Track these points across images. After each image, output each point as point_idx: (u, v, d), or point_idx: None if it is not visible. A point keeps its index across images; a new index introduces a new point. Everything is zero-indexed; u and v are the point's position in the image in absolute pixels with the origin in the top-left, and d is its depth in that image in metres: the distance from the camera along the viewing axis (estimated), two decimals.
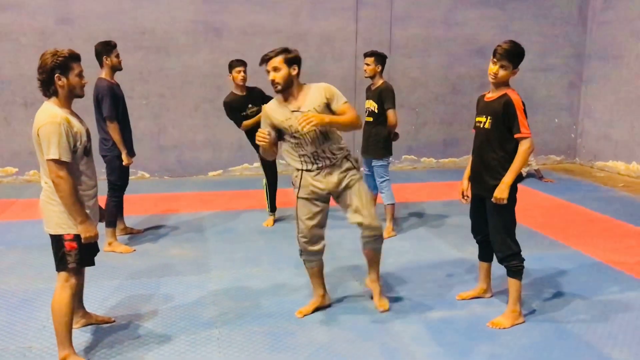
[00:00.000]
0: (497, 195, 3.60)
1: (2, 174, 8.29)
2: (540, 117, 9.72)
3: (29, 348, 3.50)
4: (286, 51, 3.65)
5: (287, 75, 3.61)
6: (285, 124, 3.67)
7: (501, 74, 3.61)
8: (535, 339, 3.64)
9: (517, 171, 3.61)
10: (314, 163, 3.73)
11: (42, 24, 7.98)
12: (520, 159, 3.59)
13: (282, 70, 3.60)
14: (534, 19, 9.45)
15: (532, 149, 3.64)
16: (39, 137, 3.04)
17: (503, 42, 3.65)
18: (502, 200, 3.60)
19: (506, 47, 3.58)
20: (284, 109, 3.69)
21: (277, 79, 3.60)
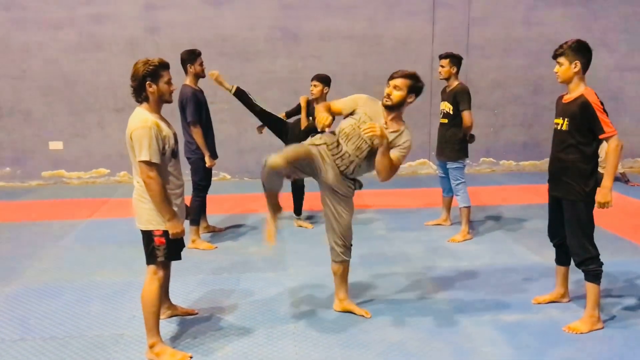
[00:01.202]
0: (600, 200, 3.59)
1: (95, 174, 8.86)
2: (628, 118, 9.31)
3: (121, 335, 3.78)
4: (415, 79, 3.72)
5: (402, 98, 3.68)
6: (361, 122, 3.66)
7: (560, 71, 3.65)
8: (613, 345, 3.55)
9: (613, 172, 3.59)
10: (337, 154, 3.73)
11: (132, 34, 8.49)
12: (612, 158, 3.55)
13: (402, 92, 3.67)
14: (620, 16, 9.08)
15: (621, 145, 3.58)
16: (131, 140, 3.30)
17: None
18: (606, 205, 3.59)
19: (561, 45, 3.64)
20: (380, 115, 3.71)
21: (392, 95, 3.67)
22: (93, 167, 8.83)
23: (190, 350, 3.55)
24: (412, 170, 9.25)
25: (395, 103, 3.68)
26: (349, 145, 3.72)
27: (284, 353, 3.52)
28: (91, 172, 8.84)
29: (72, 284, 4.69)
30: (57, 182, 8.79)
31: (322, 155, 3.77)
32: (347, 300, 4.09)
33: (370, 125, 3.45)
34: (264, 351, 3.55)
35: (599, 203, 3.60)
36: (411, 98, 3.71)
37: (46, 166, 8.76)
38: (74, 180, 8.82)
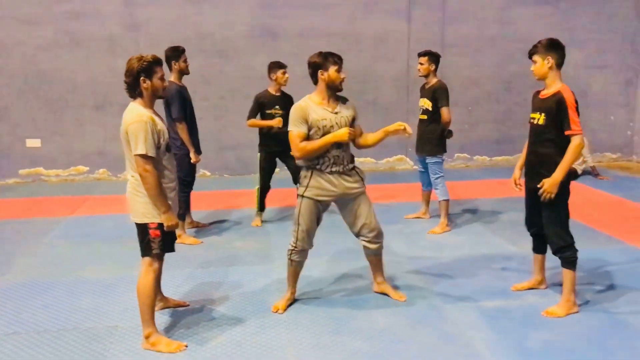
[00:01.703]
0: (546, 189, 3.75)
1: (74, 172, 8.83)
2: (596, 114, 9.65)
3: (115, 327, 3.85)
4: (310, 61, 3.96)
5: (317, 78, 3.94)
6: (321, 122, 3.84)
7: (534, 68, 3.85)
8: (589, 328, 3.76)
9: (567, 167, 3.74)
10: (329, 165, 3.90)
11: (111, 31, 8.48)
12: (570, 155, 3.73)
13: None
14: (589, 16, 9.39)
15: (583, 145, 3.77)
16: (127, 134, 3.37)
17: None
18: (550, 194, 3.75)
19: (536, 44, 3.83)
20: (324, 110, 3.89)
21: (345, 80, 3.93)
22: (72, 164, 8.80)
23: (185, 339, 3.65)
24: (389, 166, 9.43)
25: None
26: (331, 150, 3.89)
27: (277, 340, 3.64)
28: (70, 170, 8.80)
29: (61, 279, 4.73)
30: (35, 179, 8.74)
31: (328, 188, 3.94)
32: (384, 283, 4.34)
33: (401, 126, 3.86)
34: (258, 339, 3.66)
35: (544, 190, 3.78)
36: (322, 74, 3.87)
37: (24, 164, 8.69)
38: (52, 178, 8.77)
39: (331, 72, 3.85)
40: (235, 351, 3.51)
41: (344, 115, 3.93)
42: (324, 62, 3.86)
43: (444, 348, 3.51)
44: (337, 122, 3.88)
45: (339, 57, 3.92)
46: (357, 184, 4.01)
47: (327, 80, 3.87)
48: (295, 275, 4.16)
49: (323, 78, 3.88)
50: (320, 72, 3.88)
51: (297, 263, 4.10)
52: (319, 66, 3.87)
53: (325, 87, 3.90)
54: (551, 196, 3.77)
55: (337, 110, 3.92)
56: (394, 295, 4.24)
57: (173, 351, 3.48)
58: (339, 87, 3.92)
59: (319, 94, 3.93)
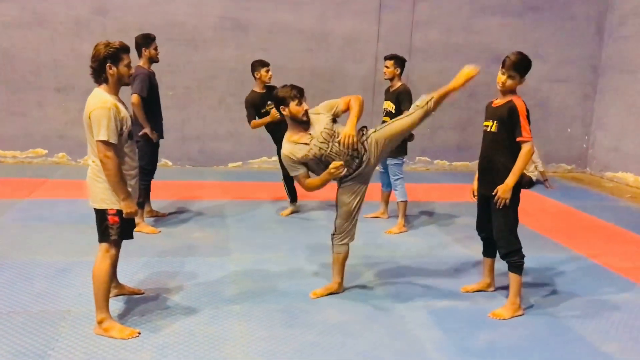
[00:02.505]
0: (500, 195, 3.90)
1: (33, 154, 8.67)
2: (554, 126, 9.96)
3: (67, 311, 3.84)
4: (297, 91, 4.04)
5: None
6: (309, 157, 3.98)
7: (508, 83, 3.91)
8: (532, 330, 3.92)
9: (519, 173, 3.89)
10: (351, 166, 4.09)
11: (78, 13, 8.34)
12: (521, 161, 3.88)
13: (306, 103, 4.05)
14: (552, 31, 9.68)
15: (533, 152, 3.93)
16: (90, 119, 3.37)
17: (512, 53, 3.94)
18: (504, 199, 3.89)
19: (514, 59, 3.88)
20: (302, 144, 3.99)
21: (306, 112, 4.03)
22: (30, 147, 8.63)
23: (138, 327, 3.66)
24: None
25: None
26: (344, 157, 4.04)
27: (229, 331, 3.69)
28: (28, 152, 8.64)
29: (13, 261, 4.67)
30: None
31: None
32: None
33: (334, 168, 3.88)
34: (210, 329, 3.70)
35: (498, 197, 3.91)
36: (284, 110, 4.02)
37: None
38: (9, 159, 8.60)
39: (292, 107, 3.99)
40: (186, 340, 3.54)
41: (321, 129, 4.00)
42: (283, 99, 4.00)
43: (391, 344, 3.62)
44: (320, 142, 3.98)
45: (298, 90, 4.02)
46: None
47: (290, 115, 4.01)
48: (338, 263, 4.33)
49: (286, 114, 4.02)
50: (282, 108, 4.02)
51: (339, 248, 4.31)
52: (280, 102, 4.02)
53: (292, 122, 4.03)
54: (506, 202, 3.92)
55: (312, 132, 4.00)
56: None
57: (125, 337, 3.50)
58: (302, 119, 4.00)
59: (291, 130, 4.06)
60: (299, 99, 3.98)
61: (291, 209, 6.54)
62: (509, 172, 3.91)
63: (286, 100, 3.98)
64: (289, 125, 4.08)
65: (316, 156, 3.98)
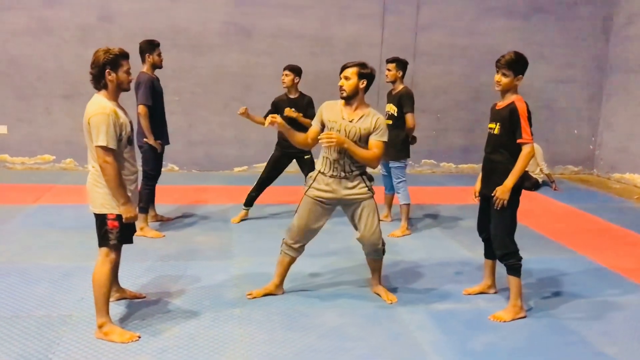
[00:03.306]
0: (499, 196, 3.89)
1: (40, 161, 8.75)
2: (560, 127, 9.91)
3: (69, 316, 3.87)
4: (362, 66, 4.02)
5: (354, 86, 3.99)
6: (331, 124, 4.03)
7: (503, 81, 3.92)
8: (533, 332, 3.91)
9: (518, 174, 3.88)
10: (330, 169, 4.06)
11: (84, 21, 8.43)
12: (521, 162, 3.87)
13: (352, 80, 3.97)
14: (558, 31, 9.64)
15: (533, 153, 3.92)
16: (89, 125, 3.41)
17: (506, 53, 3.95)
18: (502, 200, 3.89)
19: (507, 57, 3.91)
20: (339, 113, 4.04)
21: (345, 86, 3.99)
22: (38, 153, 8.72)
23: (139, 330, 3.68)
24: None
25: (350, 92, 3.99)
26: (332, 153, 4.02)
27: (230, 335, 3.71)
28: (36, 158, 8.73)
29: (17, 266, 4.72)
30: (0, 166, 8.63)
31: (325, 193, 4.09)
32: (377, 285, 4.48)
33: (325, 137, 3.81)
34: (211, 333, 3.72)
35: (496, 197, 3.92)
36: (363, 83, 4.00)
37: None
38: (18, 165, 8.69)
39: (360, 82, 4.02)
40: (187, 344, 3.56)
41: (358, 126, 4.00)
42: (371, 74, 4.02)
43: (390, 347, 3.62)
44: (346, 129, 3.98)
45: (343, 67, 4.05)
46: (358, 190, 4.10)
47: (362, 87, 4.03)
48: (282, 267, 4.31)
49: (362, 85, 4.01)
50: (361, 82, 4.00)
51: (284, 255, 4.27)
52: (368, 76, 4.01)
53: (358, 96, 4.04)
54: (504, 203, 3.91)
55: (354, 119, 4.01)
56: (384, 297, 4.36)
57: (125, 341, 3.52)
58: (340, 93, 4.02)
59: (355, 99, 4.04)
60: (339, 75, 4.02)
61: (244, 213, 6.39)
62: (509, 173, 3.90)
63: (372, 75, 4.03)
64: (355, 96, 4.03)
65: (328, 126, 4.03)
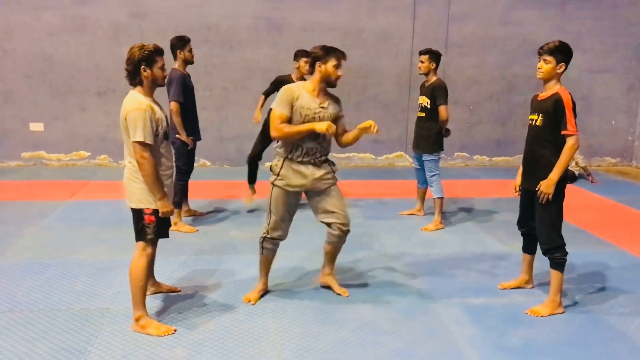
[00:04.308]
0: (543, 190, 3.81)
1: (76, 157, 8.91)
2: (597, 118, 9.68)
3: (107, 309, 3.93)
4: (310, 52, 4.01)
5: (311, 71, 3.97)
6: (304, 111, 3.86)
7: (544, 68, 3.84)
8: (571, 327, 3.83)
9: (563, 167, 3.79)
10: (301, 155, 3.95)
11: (116, 18, 8.54)
12: (566, 155, 3.78)
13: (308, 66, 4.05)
14: (594, 20, 9.41)
15: (577, 146, 3.83)
16: (126, 121, 3.45)
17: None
18: (547, 195, 3.80)
19: (550, 44, 3.83)
20: (313, 100, 3.92)
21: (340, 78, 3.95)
22: (73, 149, 8.88)
23: (175, 324, 3.73)
24: (388, 163, 9.49)
25: None
26: (307, 142, 3.92)
27: (264, 328, 3.72)
28: (71, 155, 8.89)
29: (56, 261, 4.81)
30: (37, 163, 8.83)
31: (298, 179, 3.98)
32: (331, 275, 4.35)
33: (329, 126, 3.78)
34: (245, 326, 3.74)
35: (541, 192, 3.83)
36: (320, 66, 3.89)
37: (26, 147, 8.79)
38: (54, 162, 8.87)
39: (329, 66, 3.88)
40: (221, 337, 3.59)
41: (330, 112, 3.96)
42: (324, 55, 3.88)
43: (425, 342, 3.59)
44: (320, 115, 3.90)
45: (341, 53, 3.93)
46: (328, 175, 4.04)
47: (323, 74, 3.90)
48: (267, 264, 4.21)
49: (320, 70, 3.91)
50: (318, 64, 3.90)
51: (268, 251, 4.15)
52: (318, 58, 3.90)
53: (319, 80, 3.93)
54: (549, 197, 3.83)
55: (325, 105, 3.95)
56: (337, 289, 4.27)
57: (161, 334, 3.56)
58: (333, 83, 3.95)
59: (312, 83, 3.96)
60: (339, 62, 3.89)
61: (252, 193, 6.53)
62: (553, 166, 3.82)
63: (326, 58, 3.85)
64: (314, 82, 3.93)
65: (306, 119, 3.86)
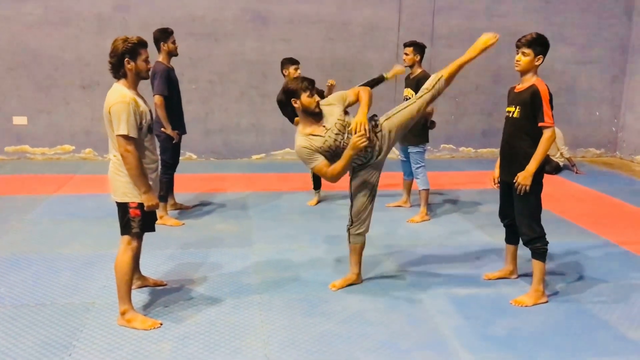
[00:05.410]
0: (521, 182, 3.84)
1: (60, 151, 8.83)
2: (581, 109, 9.76)
3: (92, 303, 3.92)
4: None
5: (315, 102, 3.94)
6: (325, 148, 3.88)
7: (523, 60, 3.87)
8: (555, 317, 3.87)
9: (540, 159, 3.83)
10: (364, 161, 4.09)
11: (100, 11, 8.45)
12: (543, 147, 3.82)
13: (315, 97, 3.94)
14: (578, 12, 9.46)
15: (554, 137, 3.87)
16: (110, 114, 3.43)
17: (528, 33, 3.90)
18: (525, 186, 3.84)
19: (527, 36, 3.87)
20: (317, 136, 3.89)
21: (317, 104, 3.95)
22: (58, 143, 8.79)
23: (161, 318, 3.72)
24: None
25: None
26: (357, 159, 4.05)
27: (250, 321, 3.73)
28: (56, 148, 8.81)
29: (41, 255, 4.78)
30: (21, 157, 8.74)
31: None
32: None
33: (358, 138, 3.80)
34: (231, 319, 3.75)
35: (518, 184, 3.87)
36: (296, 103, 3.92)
37: (10, 141, 8.69)
38: (38, 156, 8.78)
39: (303, 99, 3.87)
40: (208, 330, 3.60)
41: (334, 119, 3.91)
42: (294, 91, 3.88)
43: (411, 332, 3.61)
44: (334, 133, 3.89)
45: (309, 81, 3.92)
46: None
47: (302, 107, 3.90)
48: (355, 254, 4.29)
49: (297, 107, 3.92)
50: (293, 100, 3.91)
51: (356, 238, 4.25)
52: (291, 95, 3.90)
53: (304, 115, 3.93)
54: (526, 188, 3.86)
55: (325, 124, 3.91)
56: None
57: (147, 328, 3.56)
58: (315, 110, 3.90)
59: (303, 124, 3.95)
60: (310, 91, 3.88)
61: (317, 199, 6.57)
62: (531, 158, 3.85)
63: (297, 92, 3.86)
64: (301, 119, 3.97)
65: (331, 148, 3.89)
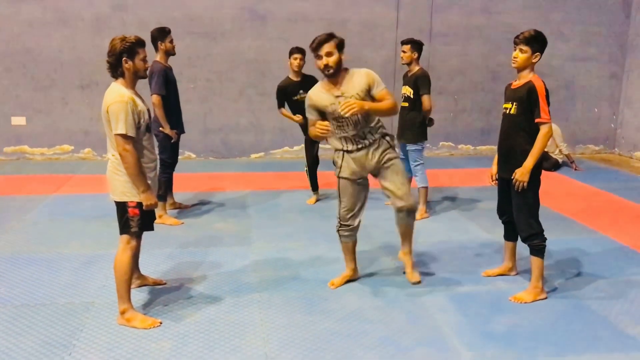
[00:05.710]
0: (518, 178, 3.85)
1: (59, 151, 8.84)
2: (580, 106, 9.76)
3: (91, 303, 3.92)
4: (335, 37, 3.90)
5: (338, 59, 3.86)
6: (329, 108, 3.92)
7: (520, 57, 3.86)
8: (554, 313, 3.88)
9: (537, 155, 3.83)
10: (355, 144, 4.01)
11: (98, 10, 8.45)
12: (540, 143, 3.82)
13: (335, 55, 3.84)
14: (576, 9, 9.46)
15: (551, 134, 3.86)
16: (108, 114, 3.43)
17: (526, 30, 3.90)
18: (522, 182, 3.84)
19: (525, 33, 3.85)
20: (328, 94, 3.93)
21: (330, 63, 3.82)
22: (56, 143, 8.80)
23: (160, 317, 3.73)
24: None
25: (335, 67, 3.86)
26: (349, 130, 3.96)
27: (250, 319, 3.73)
28: (54, 149, 8.81)
29: (41, 255, 4.79)
30: (20, 157, 8.74)
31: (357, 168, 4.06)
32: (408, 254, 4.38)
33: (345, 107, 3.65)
34: (231, 318, 3.75)
35: (516, 180, 3.87)
36: (342, 55, 3.90)
37: (8, 142, 8.69)
38: (37, 156, 8.78)
39: (316, 62, 3.89)
40: (208, 328, 3.60)
41: (353, 93, 3.86)
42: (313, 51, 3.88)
43: (411, 330, 3.62)
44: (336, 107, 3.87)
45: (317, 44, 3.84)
46: (385, 154, 4.05)
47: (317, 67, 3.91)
48: (348, 252, 4.30)
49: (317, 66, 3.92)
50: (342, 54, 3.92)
51: (346, 238, 4.24)
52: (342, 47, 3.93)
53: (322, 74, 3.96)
54: (524, 185, 3.87)
55: (341, 92, 3.89)
56: (408, 271, 4.32)
57: (147, 327, 3.56)
58: (325, 72, 3.87)
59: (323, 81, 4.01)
60: (317, 54, 3.84)
61: (315, 197, 6.59)
62: (528, 154, 3.85)
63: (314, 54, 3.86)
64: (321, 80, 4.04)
65: (333, 114, 3.90)
